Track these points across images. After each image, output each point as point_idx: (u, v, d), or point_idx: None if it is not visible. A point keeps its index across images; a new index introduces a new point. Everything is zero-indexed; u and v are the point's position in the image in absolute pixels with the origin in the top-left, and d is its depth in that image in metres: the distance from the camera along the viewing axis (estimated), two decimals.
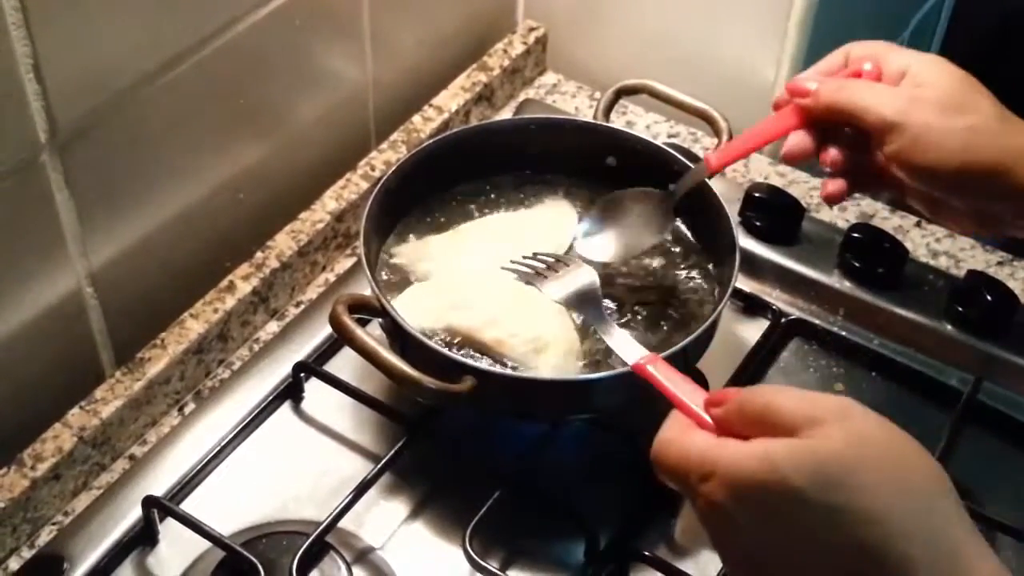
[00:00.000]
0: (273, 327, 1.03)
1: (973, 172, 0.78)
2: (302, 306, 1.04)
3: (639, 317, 0.93)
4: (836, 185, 0.84)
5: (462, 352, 0.87)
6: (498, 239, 0.96)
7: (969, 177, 0.78)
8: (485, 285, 0.92)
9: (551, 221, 0.97)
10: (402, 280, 0.94)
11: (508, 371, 0.86)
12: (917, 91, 0.79)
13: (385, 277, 0.94)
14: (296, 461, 0.93)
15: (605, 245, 0.93)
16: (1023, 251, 1.09)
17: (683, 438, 0.61)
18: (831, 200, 0.85)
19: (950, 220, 0.85)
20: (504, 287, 0.92)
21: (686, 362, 0.90)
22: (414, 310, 0.87)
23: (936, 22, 1.50)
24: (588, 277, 0.88)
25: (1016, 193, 0.78)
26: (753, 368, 0.99)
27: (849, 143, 0.83)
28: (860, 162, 0.83)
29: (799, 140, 0.84)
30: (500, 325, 0.88)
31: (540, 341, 0.87)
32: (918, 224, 1.11)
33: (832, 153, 0.83)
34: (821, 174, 1.14)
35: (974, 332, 1.00)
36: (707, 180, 0.92)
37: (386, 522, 0.89)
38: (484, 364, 0.86)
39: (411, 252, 0.96)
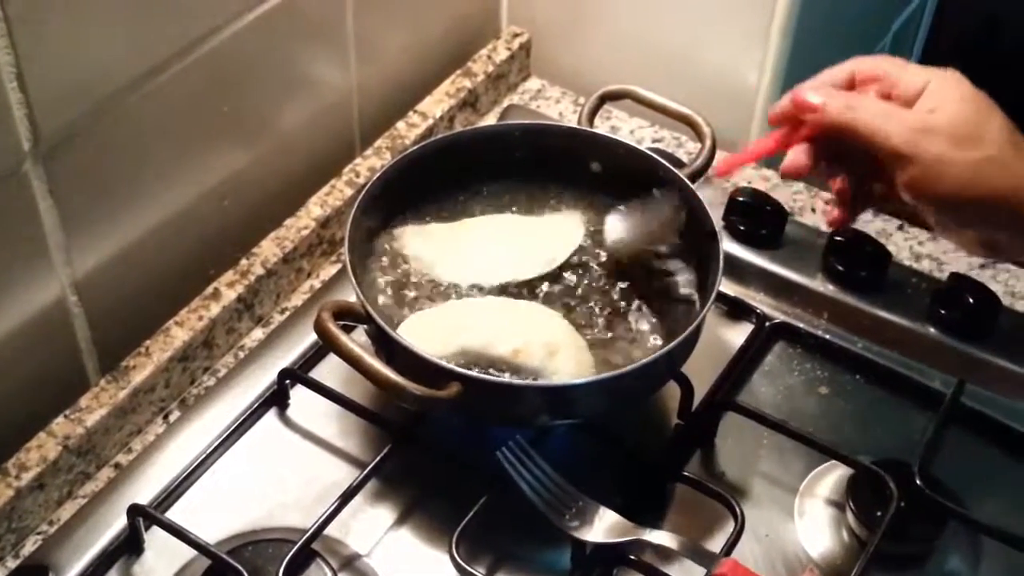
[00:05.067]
0: (258, 334, 1.03)
1: (985, 204, 0.77)
2: (287, 313, 1.04)
3: (624, 320, 0.93)
4: (841, 214, 0.84)
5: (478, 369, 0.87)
6: (500, 239, 0.97)
7: (981, 208, 0.78)
8: (481, 303, 0.93)
9: (556, 232, 0.97)
10: (393, 280, 0.94)
11: (493, 376, 0.86)
12: (929, 118, 0.77)
13: (378, 277, 0.94)
14: (282, 468, 0.93)
15: (624, 230, 0.95)
16: None
17: None
18: (834, 227, 0.85)
19: (959, 242, 0.84)
20: (499, 303, 0.93)
21: (671, 365, 0.90)
22: (420, 338, 0.87)
23: (918, 26, 1.51)
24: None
25: None
26: (738, 372, 0.99)
27: (855, 160, 0.82)
28: (867, 181, 0.82)
29: (799, 156, 0.82)
30: (510, 337, 0.88)
31: (552, 346, 0.88)
32: (901, 227, 1.12)
33: (839, 182, 0.83)
34: (811, 182, 1.14)
35: (957, 334, 1.01)
36: (691, 185, 0.93)
37: (372, 529, 0.89)
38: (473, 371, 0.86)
39: (411, 240, 0.96)
